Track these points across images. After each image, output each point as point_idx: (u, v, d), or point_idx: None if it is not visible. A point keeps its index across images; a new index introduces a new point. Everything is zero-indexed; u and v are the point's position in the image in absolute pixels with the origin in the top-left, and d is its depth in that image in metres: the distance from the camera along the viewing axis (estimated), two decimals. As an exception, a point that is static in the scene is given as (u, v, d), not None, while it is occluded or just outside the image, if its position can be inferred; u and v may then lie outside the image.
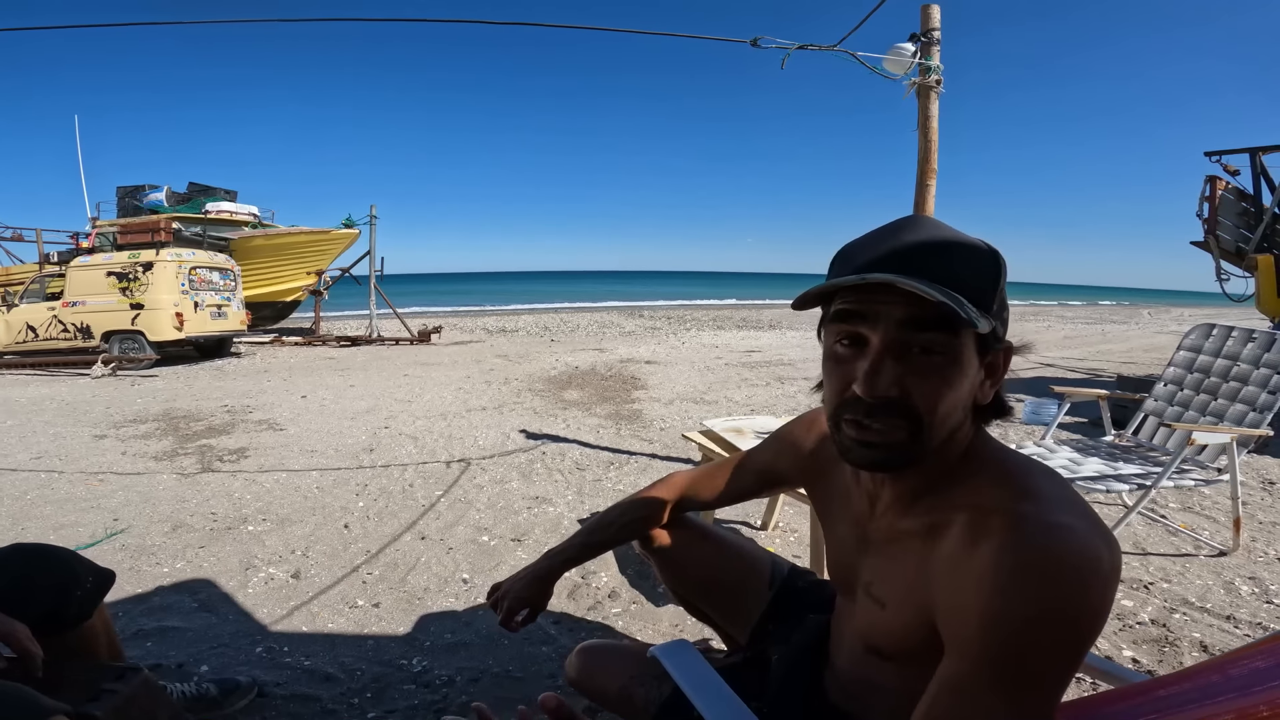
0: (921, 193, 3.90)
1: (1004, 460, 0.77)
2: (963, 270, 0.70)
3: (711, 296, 41.14)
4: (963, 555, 0.69)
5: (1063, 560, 0.62)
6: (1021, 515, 0.67)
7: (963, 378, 0.71)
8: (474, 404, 6.09)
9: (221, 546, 2.78)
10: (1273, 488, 3.47)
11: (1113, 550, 0.65)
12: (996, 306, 0.72)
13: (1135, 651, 1.96)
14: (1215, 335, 3.02)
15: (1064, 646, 0.62)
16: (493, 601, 1.30)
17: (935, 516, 0.76)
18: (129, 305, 9.02)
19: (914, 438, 0.71)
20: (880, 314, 0.70)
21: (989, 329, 0.69)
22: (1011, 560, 0.64)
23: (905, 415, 0.70)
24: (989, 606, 0.63)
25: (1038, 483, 0.71)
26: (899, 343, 0.70)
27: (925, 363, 0.70)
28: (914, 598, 0.76)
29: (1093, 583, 0.62)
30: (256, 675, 1.84)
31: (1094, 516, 0.68)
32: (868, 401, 0.70)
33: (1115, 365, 9.15)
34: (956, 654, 0.67)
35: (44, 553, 1.29)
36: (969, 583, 0.66)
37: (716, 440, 2.60)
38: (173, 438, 4.80)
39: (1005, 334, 0.76)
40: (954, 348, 0.70)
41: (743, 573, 1.29)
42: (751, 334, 14.37)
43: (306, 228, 14.39)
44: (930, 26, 3.87)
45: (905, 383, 0.70)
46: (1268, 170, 7.12)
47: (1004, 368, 0.77)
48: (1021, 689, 0.62)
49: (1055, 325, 18.21)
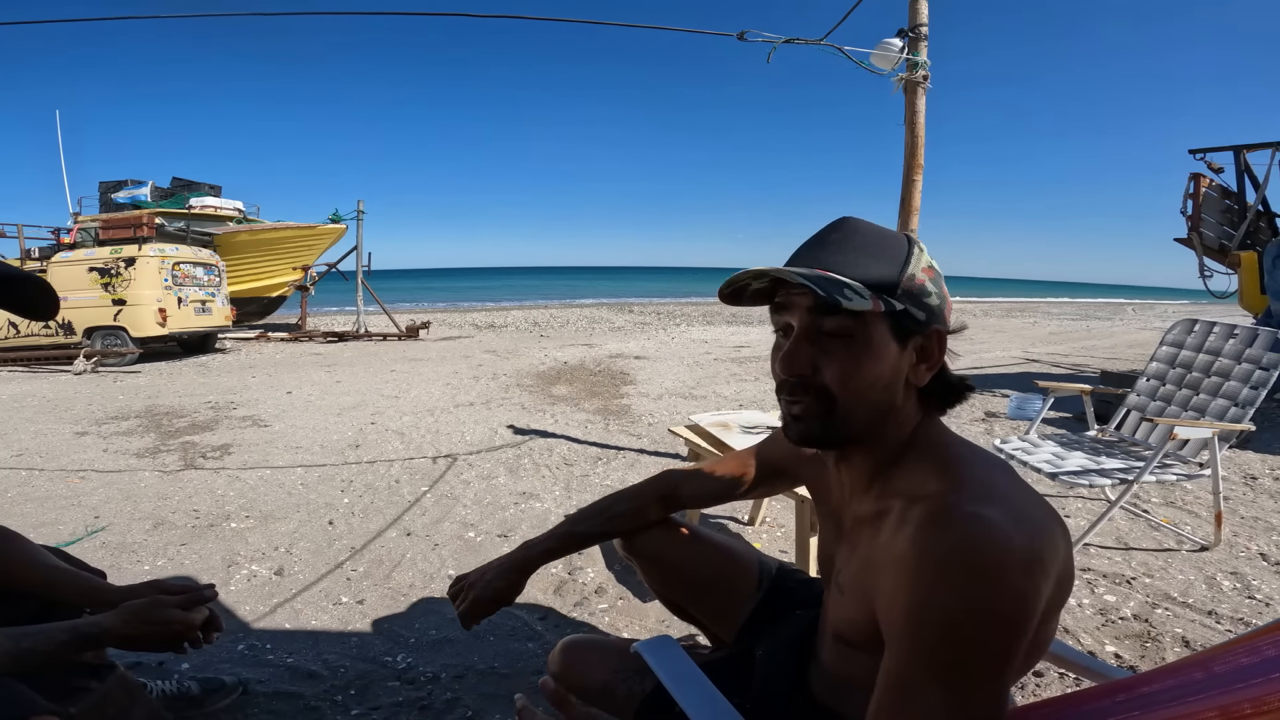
0: (908, 187, 3.90)
1: (947, 449, 0.79)
2: (864, 260, 0.77)
3: (701, 292, 41.17)
4: (892, 544, 0.71)
5: (977, 550, 0.63)
6: (944, 505, 0.69)
7: (873, 358, 0.76)
8: (462, 399, 6.06)
9: (204, 544, 2.75)
10: (1254, 483, 3.50)
11: (1035, 539, 0.65)
12: (903, 291, 0.76)
13: (1118, 647, 1.98)
14: (1197, 331, 3.05)
15: (990, 635, 0.62)
16: (455, 591, 1.24)
17: (881, 504, 0.79)
18: (111, 301, 8.91)
19: (829, 413, 0.78)
20: (795, 303, 0.79)
21: (872, 308, 0.73)
22: (925, 550, 0.66)
23: (818, 393, 0.78)
24: (909, 597, 0.65)
25: (971, 472, 0.73)
26: (811, 327, 0.77)
27: (833, 344, 0.76)
28: (863, 586, 0.78)
29: (1004, 572, 0.62)
30: (239, 673, 1.81)
31: (1025, 506, 0.68)
32: (789, 380, 0.79)
33: (1099, 361, 9.22)
34: (890, 645, 0.68)
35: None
36: (895, 572, 0.68)
37: (703, 435, 2.59)
38: (155, 434, 4.74)
39: (939, 319, 0.80)
40: (859, 330, 0.75)
41: (730, 574, 1.27)
42: (741, 329, 14.39)
43: (292, 223, 14.25)
44: (918, 22, 3.87)
45: (817, 362, 0.77)
46: (1251, 168, 7.19)
47: (939, 351, 0.80)
48: (957, 679, 0.62)
49: (1041, 321, 18.34)
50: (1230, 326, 2.92)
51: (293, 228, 14.13)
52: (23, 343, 9.04)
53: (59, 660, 1.02)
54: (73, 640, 1.03)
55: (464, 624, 1.21)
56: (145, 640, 1.09)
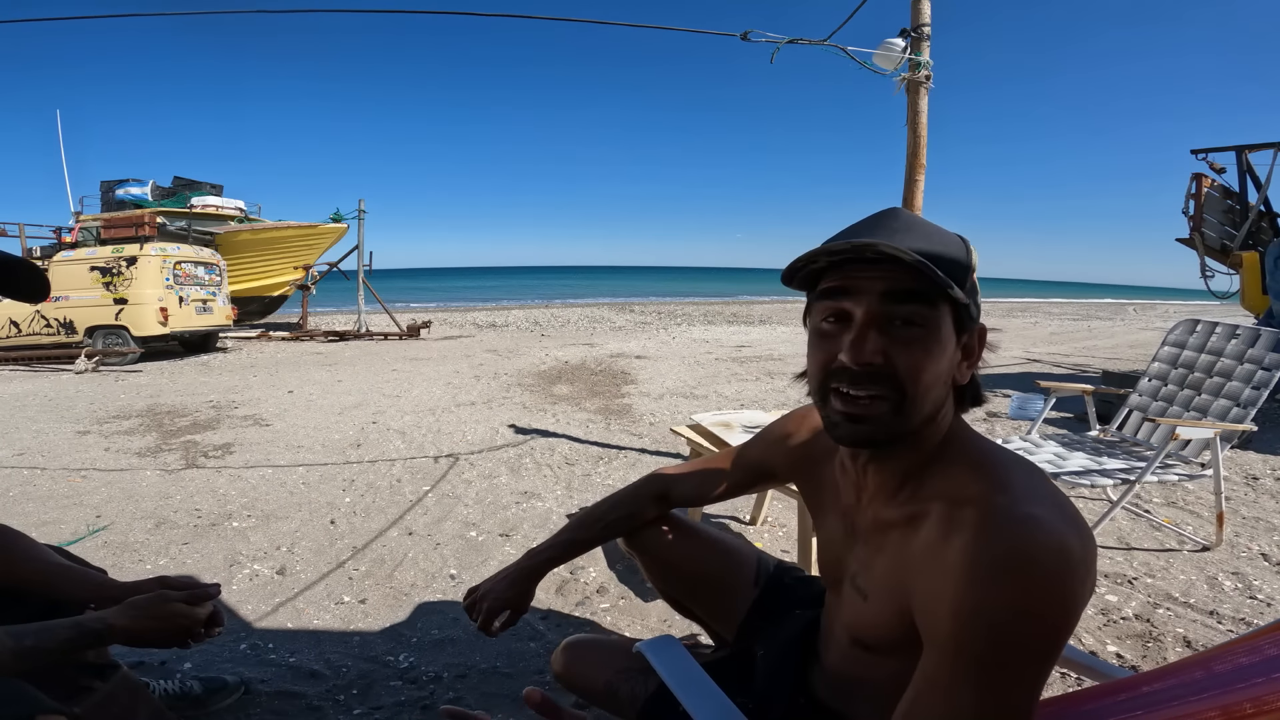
0: (910, 188, 3.90)
1: (981, 451, 0.77)
2: (937, 247, 0.73)
3: (702, 291, 41.16)
4: (937, 547, 0.70)
5: (1033, 553, 0.62)
6: (994, 507, 0.67)
7: (942, 351, 0.73)
8: (463, 399, 6.06)
9: (206, 543, 2.76)
10: (1256, 483, 3.50)
11: (1085, 542, 0.65)
12: (968, 287, 0.74)
13: (1119, 647, 1.98)
14: (1199, 331, 3.04)
15: (1038, 640, 0.62)
16: (470, 604, 1.26)
17: (915, 506, 0.77)
18: (113, 300, 8.92)
19: (897, 409, 0.73)
20: (863, 288, 0.73)
21: (964, 300, 0.71)
22: (982, 553, 0.64)
23: (889, 384, 0.72)
24: (961, 600, 0.64)
25: (1012, 474, 0.72)
26: (882, 315, 0.72)
27: (906, 334, 0.72)
28: (894, 589, 0.76)
29: (1064, 575, 0.62)
30: (241, 672, 1.82)
31: (1068, 508, 0.68)
32: (854, 369, 0.73)
33: (1101, 361, 9.22)
34: (932, 648, 0.67)
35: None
36: (942, 575, 0.67)
37: (705, 435, 2.60)
38: (156, 433, 4.75)
39: (979, 318, 0.79)
40: (933, 320, 0.72)
41: (729, 569, 1.28)
42: (742, 329, 14.39)
43: (294, 222, 14.25)
44: (920, 22, 3.87)
45: (889, 352, 0.72)
46: (1253, 168, 7.18)
47: (979, 349, 0.79)
48: (998, 682, 0.62)
49: (1042, 321, 18.33)
50: (1232, 327, 2.92)
51: (294, 227, 14.13)
52: (24, 342, 9.05)
53: (63, 658, 1.02)
54: (77, 636, 1.02)
55: (487, 634, 1.23)
56: (150, 636, 1.09)
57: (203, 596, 1.17)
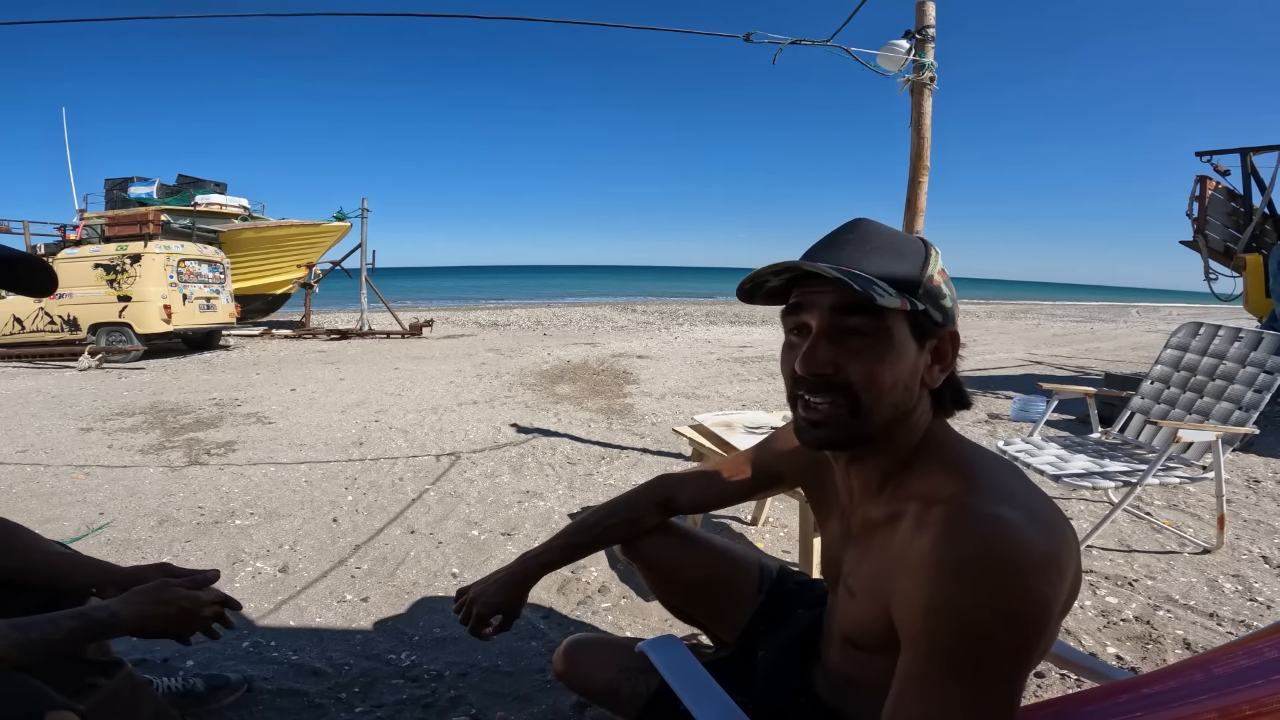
0: (914, 189, 3.90)
1: (959, 452, 0.79)
2: (884, 260, 0.77)
3: (704, 291, 41.13)
4: (910, 546, 0.72)
5: (995, 552, 0.64)
6: (962, 507, 0.69)
7: (897, 357, 0.76)
8: (465, 398, 6.07)
9: (208, 540, 2.77)
10: (1257, 486, 3.50)
11: (1054, 543, 0.66)
12: (923, 291, 0.77)
13: (1119, 648, 1.98)
14: (1202, 334, 3.04)
15: (1007, 636, 0.63)
16: (459, 606, 1.26)
17: (895, 506, 0.79)
18: (116, 297, 8.94)
19: (853, 413, 0.77)
20: (816, 302, 0.78)
21: (900, 306, 0.73)
22: (947, 552, 0.66)
23: (842, 391, 0.77)
24: (930, 598, 0.65)
25: (985, 475, 0.74)
26: (832, 326, 0.77)
27: (857, 342, 0.76)
28: (877, 588, 0.78)
29: (1028, 574, 0.63)
30: (244, 670, 1.83)
31: (1041, 510, 0.69)
32: (808, 379, 0.78)
33: (1103, 363, 9.20)
34: (907, 645, 0.68)
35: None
36: (913, 574, 0.69)
37: (707, 435, 2.60)
38: (159, 431, 4.76)
39: (952, 321, 0.81)
40: (881, 330, 0.76)
41: (730, 576, 1.27)
42: (744, 329, 14.38)
43: (297, 220, 14.28)
44: (925, 23, 3.86)
45: (839, 360, 0.76)
46: (1258, 170, 7.16)
47: (952, 353, 0.81)
48: (975, 678, 0.63)
49: (1044, 323, 18.30)
50: (1235, 330, 2.92)
51: (297, 225, 14.15)
52: (28, 339, 9.08)
53: (68, 650, 1.01)
54: (81, 627, 1.01)
55: (478, 637, 1.23)
56: (156, 624, 1.08)
57: (203, 582, 1.18)
